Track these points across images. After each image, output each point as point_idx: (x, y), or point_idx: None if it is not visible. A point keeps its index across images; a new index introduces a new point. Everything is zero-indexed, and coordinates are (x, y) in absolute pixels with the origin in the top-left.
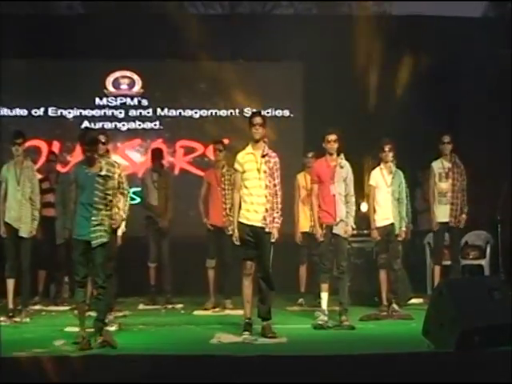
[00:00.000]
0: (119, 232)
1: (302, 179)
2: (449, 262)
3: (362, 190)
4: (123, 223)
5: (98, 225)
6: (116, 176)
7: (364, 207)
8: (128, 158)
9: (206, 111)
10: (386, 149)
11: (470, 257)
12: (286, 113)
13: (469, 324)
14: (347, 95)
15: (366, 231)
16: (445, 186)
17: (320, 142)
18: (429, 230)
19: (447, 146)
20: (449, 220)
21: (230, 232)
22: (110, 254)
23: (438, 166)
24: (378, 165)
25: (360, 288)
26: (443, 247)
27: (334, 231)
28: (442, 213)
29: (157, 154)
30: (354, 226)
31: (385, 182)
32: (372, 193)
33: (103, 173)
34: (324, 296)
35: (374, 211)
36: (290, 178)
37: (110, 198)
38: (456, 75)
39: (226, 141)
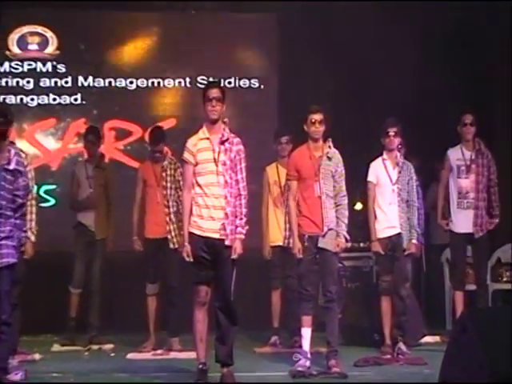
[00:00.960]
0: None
1: (274, 172)
2: (474, 287)
3: (357, 188)
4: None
5: (4, 238)
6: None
7: (359, 206)
8: (38, 145)
9: (144, 80)
10: (391, 132)
11: (505, 279)
12: (255, 83)
13: (501, 369)
14: (337, 60)
15: (363, 244)
16: (465, 183)
17: (299, 124)
18: (448, 244)
19: (469, 128)
20: (473, 230)
21: (176, 246)
22: (16, 277)
23: (457, 155)
24: (381, 155)
25: (355, 322)
26: (466, 266)
27: (319, 245)
28: (461, 220)
29: (93, 137)
30: (348, 237)
31: (389, 177)
32: (372, 192)
33: (12, 166)
34: (306, 333)
35: (375, 217)
36: (260, 172)
37: (20, 201)
38: (484, 37)
39: (171, 121)
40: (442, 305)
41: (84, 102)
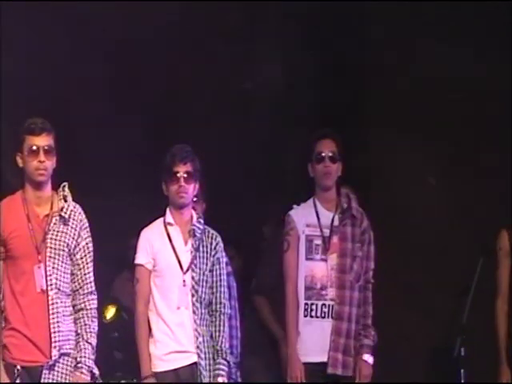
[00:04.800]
0: None
1: None
2: None
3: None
4: None
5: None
6: None
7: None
8: None
9: None
10: (180, 173)
11: None
12: None
13: None
14: None
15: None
16: (321, 270)
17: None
18: None
19: (329, 166)
20: (330, 361)
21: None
22: None
23: (307, 219)
24: (161, 215)
25: None
26: None
27: None
28: (311, 340)
29: None
30: (96, 372)
31: (176, 258)
32: (142, 287)
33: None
34: None
35: (150, 334)
36: None
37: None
38: None
39: None
40: None
41: None
